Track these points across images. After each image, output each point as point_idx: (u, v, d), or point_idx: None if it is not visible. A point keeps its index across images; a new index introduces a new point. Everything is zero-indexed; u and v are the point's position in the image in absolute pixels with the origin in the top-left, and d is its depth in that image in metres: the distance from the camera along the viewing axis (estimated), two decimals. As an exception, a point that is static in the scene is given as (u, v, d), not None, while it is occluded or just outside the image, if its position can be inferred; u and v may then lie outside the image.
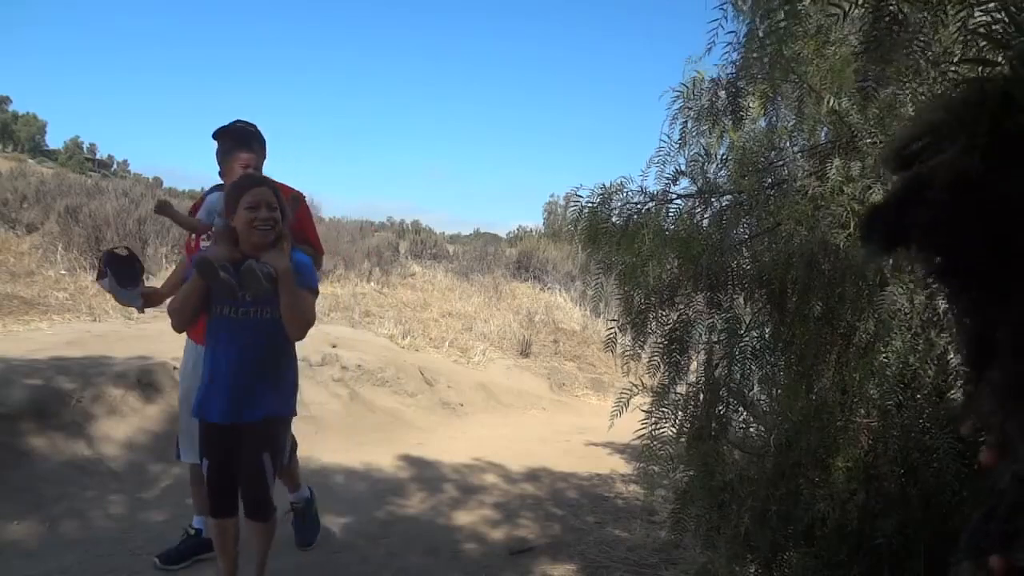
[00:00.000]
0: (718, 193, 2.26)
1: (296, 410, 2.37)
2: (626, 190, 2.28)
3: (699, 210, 2.28)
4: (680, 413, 2.21)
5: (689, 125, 2.20)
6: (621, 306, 2.34)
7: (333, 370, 5.38)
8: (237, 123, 2.66)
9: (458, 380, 6.37)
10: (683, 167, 2.26)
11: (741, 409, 2.26)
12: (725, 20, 1.91)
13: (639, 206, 2.27)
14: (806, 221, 1.92)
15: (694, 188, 2.29)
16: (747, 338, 2.15)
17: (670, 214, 2.27)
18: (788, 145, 2.14)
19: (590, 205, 2.27)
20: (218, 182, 2.70)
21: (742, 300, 2.20)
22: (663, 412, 2.20)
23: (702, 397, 2.21)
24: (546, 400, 6.97)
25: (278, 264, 2.13)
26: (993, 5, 1.17)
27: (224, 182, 2.63)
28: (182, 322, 2.24)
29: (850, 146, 1.90)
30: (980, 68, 1.23)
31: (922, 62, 1.50)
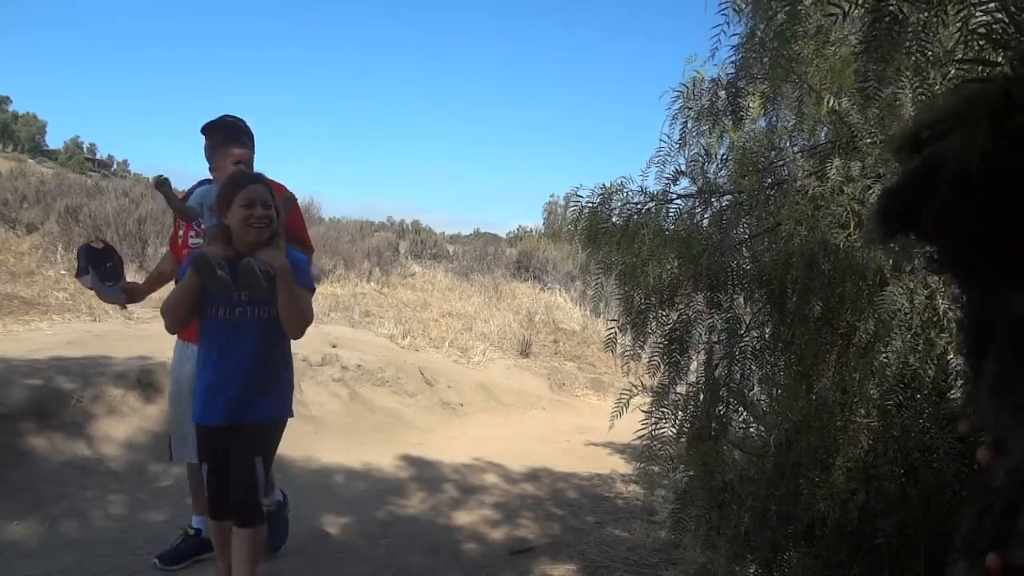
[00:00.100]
0: (718, 193, 2.26)
1: (293, 411, 2.37)
2: (626, 190, 2.28)
3: (699, 210, 2.28)
4: (680, 413, 2.21)
5: (689, 125, 2.21)
6: (621, 306, 2.34)
7: (333, 370, 5.38)
8: (226, 118, 2.58)
9: (458, 380, 6.37)
10: (683, 167, 2.26)
11: (741, 409, 2.26)
12: (727, 25, 1.91)
13: (639, 206, 2.27)
14: (806, 221, 1.92)
15: (694, 188, 2.29)
16: (747, 338, 2.15)
17: (670, 214, 2.27)
18: (788, 145, 2.14)
19: (590, 205, 2.27)
20: (207, 177, 2.62)
21: (742, 300, 2.20)
22: (663, 412, 2.20)
23: (702, 397, 2.21)
24: (546, 400, 6.97)
25: (275, 262, 2.10)
26: (993, 5, 1.17)
27: (214, 177, 2.55)
28: (176, 323, 2.21)
29: (850, 146, 1.91)
30: (980, 68, 1.23)
31: (922, 62, 1.50)
